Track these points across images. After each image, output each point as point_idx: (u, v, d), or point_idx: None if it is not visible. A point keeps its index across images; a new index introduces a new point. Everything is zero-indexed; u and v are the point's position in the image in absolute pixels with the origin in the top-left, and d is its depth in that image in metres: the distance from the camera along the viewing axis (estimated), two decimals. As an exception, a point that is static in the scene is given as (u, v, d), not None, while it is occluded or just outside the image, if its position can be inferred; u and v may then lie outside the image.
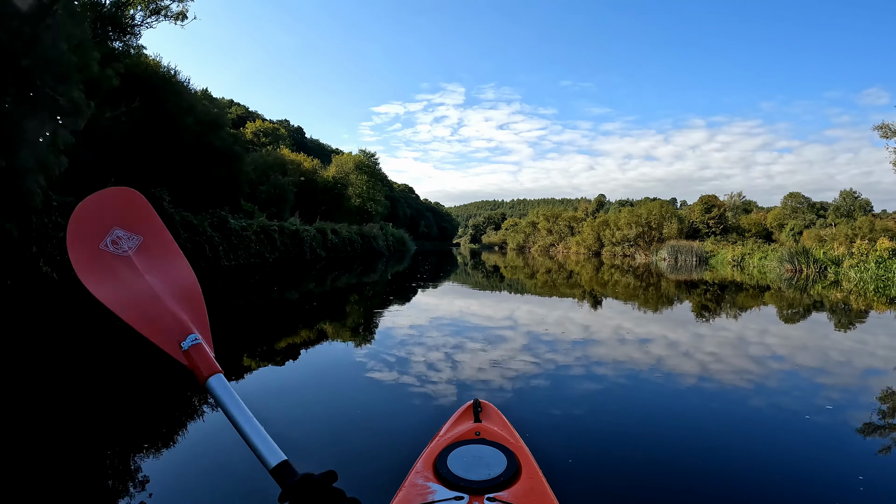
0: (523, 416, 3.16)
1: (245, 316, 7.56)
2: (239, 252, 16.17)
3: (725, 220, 39.53)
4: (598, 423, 3.14)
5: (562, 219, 50.72)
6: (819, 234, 30.35)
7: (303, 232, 20.81)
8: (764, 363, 4.91)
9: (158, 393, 3.79)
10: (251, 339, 5.81)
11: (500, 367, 4.37)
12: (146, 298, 1.06)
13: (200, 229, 13.86)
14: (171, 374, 3.97)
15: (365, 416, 3.18)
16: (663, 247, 33.37)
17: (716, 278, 17.62)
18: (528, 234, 56.17)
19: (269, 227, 18.32)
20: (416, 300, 9.87)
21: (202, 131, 18.66)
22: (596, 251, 41.73)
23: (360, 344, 5.47)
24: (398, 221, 73.56)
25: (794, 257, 21.17)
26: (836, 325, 7.74)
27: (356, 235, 28.74)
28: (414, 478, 1.41)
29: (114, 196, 1.19)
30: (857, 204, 42.28)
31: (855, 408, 3.56)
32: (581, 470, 2.48)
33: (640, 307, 9.38)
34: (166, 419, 3.19)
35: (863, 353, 5.49)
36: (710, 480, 2.41)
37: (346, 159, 46.33)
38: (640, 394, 3.78)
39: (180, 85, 17.30)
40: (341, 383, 4.02)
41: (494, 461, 1.43)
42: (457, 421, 1.80)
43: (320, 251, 22.85)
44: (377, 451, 2.63)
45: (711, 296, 11.73)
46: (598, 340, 5.80)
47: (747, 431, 3.08)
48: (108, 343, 5.36)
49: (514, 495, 1.30)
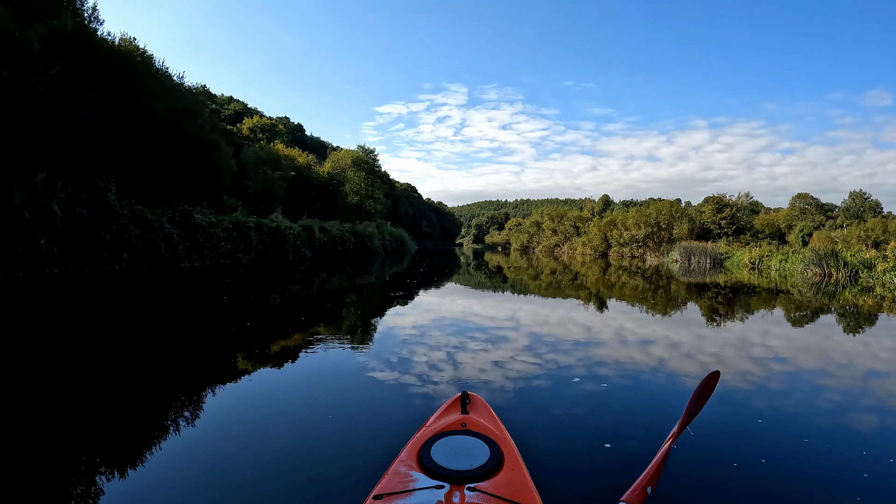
0: (514, 410, 3.15)
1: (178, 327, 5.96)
2: (205, 252, 14.41)
3: (737, 220, 37.73)
4: (589, 421, 3.08)
5: (567, 219, 49.06)
6: (830, 235, 28.72)
7: (285, 230, 18.99)
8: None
9: (155, 393, 3.59)
10: (240, 339, 5.41)
11: (492, 363, 4.38)
12: None
13: (156, 225, 12.13)
14: (170, 375, 4.00)
15: (355, 410, 3.19)
16: (675, 248, 31.60)
17: (733, 281, 16.11)
18: (533, 234, 54.57)
19: (243, 224, 16.54)
20: (397, 311, 8.32)
21: (174, 119, 17.04)
22: (603, 252, 40.06)
23: (347, 344, 5.24)
24: (399, 221, 72.18)
25: (823, 260, 19.33)
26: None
27: (348, 234, 26.98)
28: (398, 466, 1.47)
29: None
30: (867, 205, 41.49)
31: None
32: (567, 464, 2.43)
33: (668, 324, 7.69)
34: (164, 417, 3.09)
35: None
36: (695, 477, 2.36)
37: (343, 155, 44.69)
38: (641, 396, 3.70)
39: (147, 65, 15.67)
40: (330, 380, 3.91)
41: (478, 452, 1.50)
42: (444, 412, 1.88)
43: (305, 251, 20.97)
44: (366, 441, 2.60)
45: (745, 303, 9.99)
46: (597, 342, 5.66)
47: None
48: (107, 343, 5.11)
49: (495, 486, 1.35)
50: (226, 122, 48.49)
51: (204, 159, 18.22)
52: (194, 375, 4.07)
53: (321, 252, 22.89)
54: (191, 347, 5.06)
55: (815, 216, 41.40)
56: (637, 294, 11.84)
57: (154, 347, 4.90)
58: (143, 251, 11.62)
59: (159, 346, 4.95)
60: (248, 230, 16.33)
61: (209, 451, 2.54)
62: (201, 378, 3.94)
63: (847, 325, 7.69)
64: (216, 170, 19.64)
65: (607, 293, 11.93)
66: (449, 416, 1.79)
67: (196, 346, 5.10)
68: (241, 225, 16.30)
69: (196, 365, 4.36)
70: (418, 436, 1.65)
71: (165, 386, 3.71)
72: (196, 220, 13.60)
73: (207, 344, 5.24)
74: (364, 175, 44.64)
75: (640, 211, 38.79)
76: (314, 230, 22.04)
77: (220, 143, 18.88)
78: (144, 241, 11.62)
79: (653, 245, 36.11)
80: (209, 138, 17.79)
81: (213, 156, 18.69)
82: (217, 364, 4.40)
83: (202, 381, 3.86)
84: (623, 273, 19.90)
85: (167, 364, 4.30)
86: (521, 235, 57.79)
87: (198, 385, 3.75)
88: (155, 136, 16.00)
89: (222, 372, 4.09)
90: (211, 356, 4.72)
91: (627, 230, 37.65)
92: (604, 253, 39.93)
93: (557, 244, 48.39)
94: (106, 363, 4.25)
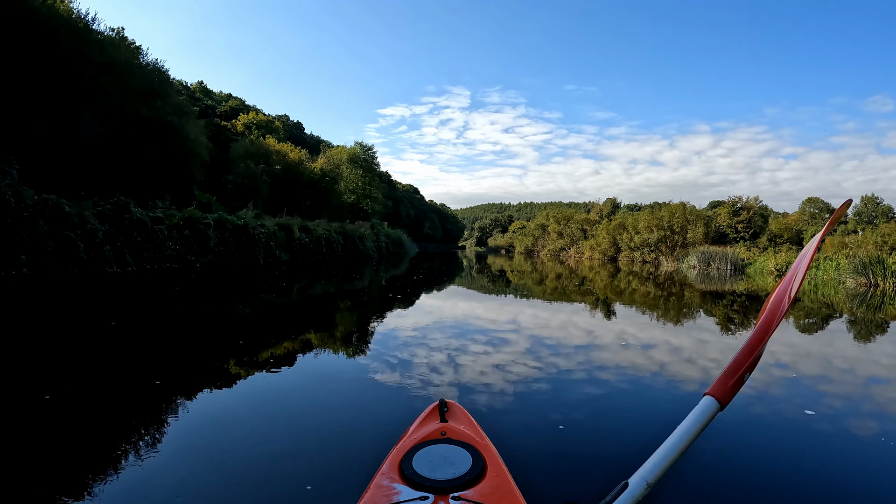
0: (495, 417, 3.08)
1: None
2: (145, 254, 11.98)
3: (755, 224, 35.32)
4: (572, 425, 3.00)
5: (574, 221, 46.66)
6: (844, 241, 26.57)
7: (255, 228, 16.56)
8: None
9: (154, 392, 3.39)
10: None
11: (477, 371, 4.17)
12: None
13: (76, 220, 9.85)
14: (169, 375, 3.88)
15: (333, 421, 3.08)
16: (691, 252, 29.25)
17: (761, 290, 13.64)
18: (538, 237, 52.17)
19: (199, 221, 13.96)
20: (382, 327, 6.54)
21: (127, 98, 14.87)
22: (612, 256, 37.70)
23: (319, 356, 4.81)
24: (401, 222, 70.02)
25: (868, 268, 16.94)
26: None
27: (336, 235, 24.65)
28: (380, 479, 1.44)
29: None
30: (880, 210, 40.39)
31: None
32: (551, 469, 2.41)
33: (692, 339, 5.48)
34: (162, 415, 2.99)
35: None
36: (686, 482, 2.27)
37: (339, 151, 42.49)
38: (632, 402, 3.56)
39: (88, 31, 13.48)
40: (306, 390, 3.71)
41: (460, 460, 1.47)
42: (423, 422, 1.84)
43: (281, 254, 18.37)
44: (345, 454, 2.55)
45: (805, 324, 7.68)
46: (591, 346, 5.45)
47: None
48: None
49: (480, 493, 1.33)
50: (221, 118, 46.83)
51: (164, 146, 16.02)
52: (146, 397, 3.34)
53: (302, 254, 20.41)
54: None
55: (826, 221, 40.83)
56: (654, 304, 9.60)
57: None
58: (55, 252, 9.37)
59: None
60: (204, 228, 13.81)
61: (176, 475, 2.25)
62: (155, 400, 3.31)
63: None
64: (183, 160, 17.47)
65: (629, 302, 9.69)
66: (428, 426, 1.76)
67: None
68: (195, 221, 13.75)
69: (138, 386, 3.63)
70: (399, 447, 1.60)
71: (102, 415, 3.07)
72: (134, 214, 11.25)
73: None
74: (361, 173, 42.37)
75: (653, 213, 36.40)
76: (293, 229, 19.39)
77: (185, 128, 16.64)
78: (56, 240, 9.35)
79: (665, 249, 33.78)
80: (169, 121, 15.57)
81: (175, 142, 16.47)
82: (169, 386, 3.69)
83: (156, 402, 3.27)
84: (634, 278, 17.66)
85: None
86: (525, 238, 55.40)
87: (154, 408, 3.19)
88: (100, 116, 13.83)
89: (179, 393, 3.53)
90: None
91: (638, 234, 35.30)
92: (613, 257, 37.60)
93: (563, 248, 46.06)
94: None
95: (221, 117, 46.83)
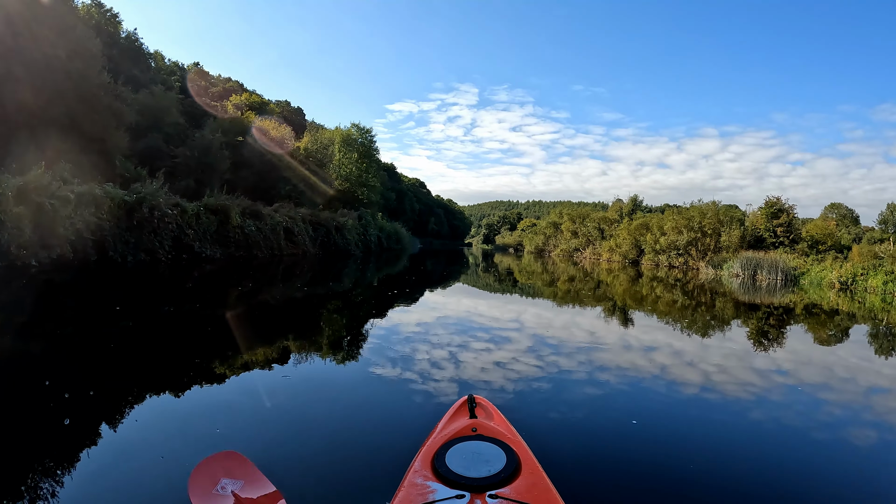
0: (523, 413, 3.02)
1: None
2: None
3: (795, 228, 30.55)
4: (602, 424, 3.02)
5: (590, 220, 42.03)
6: (873, 250, 22.21)
7: (150, 210, 11.47)
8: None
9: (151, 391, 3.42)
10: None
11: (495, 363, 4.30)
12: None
13: None
14: (167, 374, 3.94)
15: (362, 417, 3.12)
16: (731, 258, 24.68)
17: (846, 311, 11.17)
18: (549, 235, 47.60)
19: (37, 191, 8.93)
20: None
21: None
22: (634, 259, 33.13)
23: (345, 358, 4.78)
24: (405, 216, 65.75)
25: None
26: None
27: (303, 224, 20.33)
28: (413, 477, 1.42)
29: (221, 457, 1.90)
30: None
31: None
32: (582, 466, 2.37)
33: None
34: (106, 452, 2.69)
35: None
36: (710, 482, 2.32)
37: (330, 132, 38.22)
38: (643, 402, 3.62)
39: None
40: (333, 388, 3.79)
41: (493, 457, 1.45)
42: (452, 417, 1.83)
43: (204, 248, 13.58)
44: (375, 450, 2.55)
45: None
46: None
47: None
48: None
49: (517, 491, 1.32)
50: (211, 98, 43.34)
51: (37, 95, 11.93)
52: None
53: (245, 249, 15.94)
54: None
55: (850, 228, 38.80)
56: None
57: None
58: None
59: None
60: (49, 210, 8.58)
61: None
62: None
63: None
64: (94, 116, 13.39)
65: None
66: (458, 422, 1.73)
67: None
68: (25, 197, 8.85)
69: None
70: (429, 443, 1.60)
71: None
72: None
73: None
74: (356, 158, 38.10)
75: (681, 213, 31.75)
76: (230, 213, 14.76)
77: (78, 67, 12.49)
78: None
79: (696, 254, 29.17)
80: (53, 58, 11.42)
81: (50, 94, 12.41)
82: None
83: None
84: (677, 293, 13.29)
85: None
86: (535, 237, 50.82)
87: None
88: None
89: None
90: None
91: (665, 235, 30.69)
92: (634, 260, 33.03)
93: (578, 248, 41.51)
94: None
95: (212, 98, 43.46)
